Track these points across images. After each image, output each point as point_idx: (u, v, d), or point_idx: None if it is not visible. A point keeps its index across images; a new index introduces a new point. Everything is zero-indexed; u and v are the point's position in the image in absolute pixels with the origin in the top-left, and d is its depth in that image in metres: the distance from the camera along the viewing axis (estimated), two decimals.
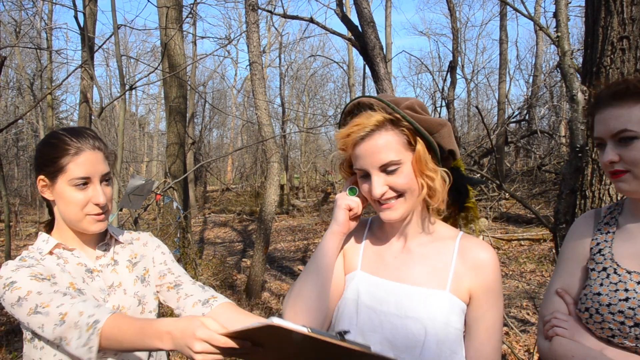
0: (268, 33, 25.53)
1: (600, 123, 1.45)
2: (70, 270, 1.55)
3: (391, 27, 19.88)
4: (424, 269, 1.43)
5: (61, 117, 25.40)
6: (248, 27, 7.02)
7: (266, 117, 7.09)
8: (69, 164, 1.50)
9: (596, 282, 1.49)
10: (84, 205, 1.52)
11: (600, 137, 1.46)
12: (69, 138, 1.52)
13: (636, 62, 2.21)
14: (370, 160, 1.36)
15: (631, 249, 1.48)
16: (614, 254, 1.50)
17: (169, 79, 8.44)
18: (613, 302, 1.42)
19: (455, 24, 11.95)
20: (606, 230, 1.57)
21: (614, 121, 1.42)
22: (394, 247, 1.49)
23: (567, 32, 2.72)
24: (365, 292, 1.43)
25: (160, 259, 1.75)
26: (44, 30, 15.36)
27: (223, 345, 1.09)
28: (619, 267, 1.47)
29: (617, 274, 1.46)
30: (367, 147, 1.36)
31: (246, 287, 7.43)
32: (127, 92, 4.74)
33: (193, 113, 19.38)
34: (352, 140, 1.37)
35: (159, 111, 30.83)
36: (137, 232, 1.82)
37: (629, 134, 1.40)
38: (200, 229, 14.77)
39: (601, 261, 1.51)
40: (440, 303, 1.36)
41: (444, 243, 1.46)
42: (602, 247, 1.54)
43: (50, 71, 14.89)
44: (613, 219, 1.58)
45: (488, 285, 1.40)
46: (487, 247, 1.44)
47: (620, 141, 1.41)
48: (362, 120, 1.36)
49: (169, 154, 8.61)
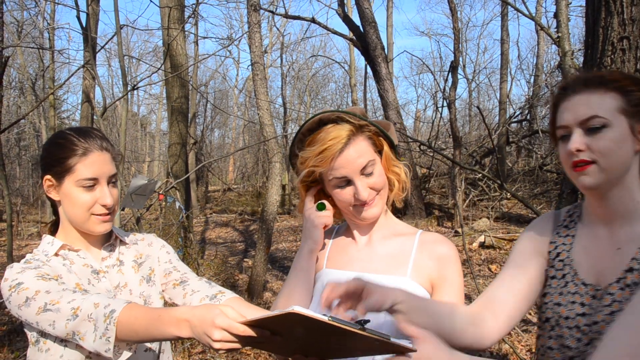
0: (270, 33, 25.55)
1: (567, 110, 1.33)
2: (77, 272, 1.55)
3: (392, 27, 19.91)
4: (385, 259, 1.53)
5: (63, 117, 25.45)
6: (250, 28, 7.04)
7: (268, 117, 7.11)
8: (77, 164, 1.50)
9: (556, 291, 1.39)
10: (90, 206, 1.52)
11: (566, 125, 1.32)
12: (76, 138, 1.52)
13: (636, 62, 2.22)
14: (352, 168, 1.45)
15: (586, 255, 1.38)
16: (573, 260, 1.40)
17: (171, 79, 8.45)
18: (571, 315, 1.33)
19: (457, 24, 11.97)
20: (565, 233, 1.46)
21: (584, 107, 1.30)
22: (359, 243, 1.59)
23: (568, 33, 2.74)
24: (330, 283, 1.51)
25: (165, 257, 1.76)
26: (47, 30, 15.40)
27: (242, 333, 1.09)
28: (576, 276, 1.37)
29: (574, 283, 1.36)
30: (346, 156, 1.44)
31: (248, 287, 7.44)
32: (129, 92, 4.75)
33: (195, 113, 19.41)
34: (331, 154, 1.43)
35: (160, 111, 30.85)
36: (141, 233, 1.83)
37: (599, 120, 1.28)
38: (202, 229, 14.78)
39: (561, 267, 1.41)
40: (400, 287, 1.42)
41: (405, 237, 1.57)
42: (560, 251, 1.43)
43: (52, 71, 14.95)
44: (572, 222, 1.47)
45: (448, 276, 1.49)
46: (447, 240, 1.56)
47: (590, 130, 1.29)
48: (336, 133, 1.43)
49: (170, 154, 8.63)
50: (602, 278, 1.31)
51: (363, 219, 1.52)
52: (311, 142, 1.48)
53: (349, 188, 1.48)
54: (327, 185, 1.52)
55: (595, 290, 1.31)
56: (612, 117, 1.28)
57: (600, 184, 1.29)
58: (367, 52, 11.92)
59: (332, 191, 1.52)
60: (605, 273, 1.31)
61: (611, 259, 1.32)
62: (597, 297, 1.29)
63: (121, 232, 1.76)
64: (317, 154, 1.44)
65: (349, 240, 1.61)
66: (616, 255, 1.31)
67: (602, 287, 1.30)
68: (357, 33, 12.10)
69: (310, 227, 1.56)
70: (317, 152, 1.44)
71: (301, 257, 1.57)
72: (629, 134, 1.29)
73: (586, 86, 1.32)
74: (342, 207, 1.53)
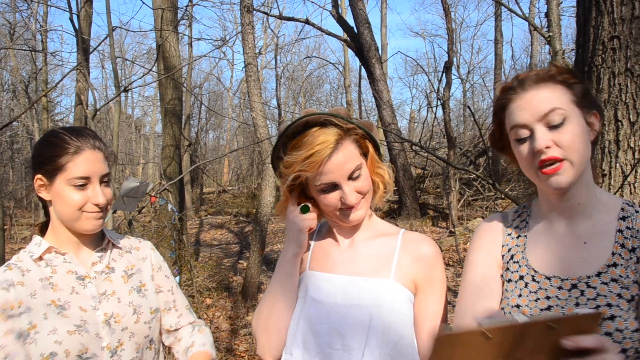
0: (264, 35, 25.55)
1: (521, 109, 1.27)
2: (57, 282, 1.52)
3: (387, 28, 19.93)
4: (368, 260, 1.51)
5: (56, 119, 25.34)
6: (243, 29, 7.02)
7: (261, 118, 7.09)
8: (68, 163, 1.48)
9: (514, 293, 1.34)
10: (81, 206, 1.50)
11: (525, 123, 1.26)
12: (68, 137, 1.50)
13: (627, 61, 2.22)
14: (340, 173, 1.42)
15: (546, 252, 1.35)
16: (528, 260, 1.36)
17: (164, 81, 8.43)
18: (534, 312, 1.27)
19: (450, 24, 11.98)
20: (517, 234, 1.42)
21: (541, 101, 1.25)
22: (342, 245, 1.57)
23: (559, 32, 2.74)
24: (314, 287, 1.49)
25: (166, 284, 1.76)
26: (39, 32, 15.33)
27: None
28: (537, 273, 1.32)
29: (535, 281, 1.31)
30: (335, 161, 1.41)
31: (242, 289, 7.42)
32: (121, 94, 4.73)
33: (189, 115, 19.36)
34: (319, 159, 1.39)
35: (155, 113, 30.75)
36: (137, 239, 1.80)
37: (560, 112, 1.23)
38: (197, 230, 14.74)
39: (516, 269, 1.36)
40: (384, 290, 1.43)
41: (387, 238, 1.55)
42: (514, 252, 1.39)
43: (45, 73, 14.87)
44: (523, 221, 1.44)
45: (429, 276, 1.48)
46: (430, 240, 1.53)
47: (552, 126, 1.24)
48: (324, 137, 1.40)
49: (164, 156, 8.60)
50: (569, 271, 1.29)
51: (349, 222, 1.50)
52: (296, 146, 1.44)
53: (336, 192, 1.45)
54: (312, 189, 1.49)
55: (562, 280, 1.28)
56: (569, 109, 1.25)
57: (572, 181, 1.26)
58: (361, 53, 11.92)
59: (317, 195, 1.49)
60: (574, 267, 1.29)
61: (578, 253, 1.30)
62: (565, 288, 1.26)
63: (114, 234, 1.74)
64: (304, 158, 1.40)
65: (332, 242, 1.59)
66: (584, 250, 1.30)
67: (569, 278, 1.27)
68: (351, 34, 12.11)
69: (295, 231, 1.53)
70: (304, 156, 1.40)
71: (285, 262, 1.54)
72: (585, 125, 1.28)
73: (535, 82, 1.27)
74: (327, 210, 1.51)
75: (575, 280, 1.26)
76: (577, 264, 1.29)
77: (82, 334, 1.46)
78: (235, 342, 5.90)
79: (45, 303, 1.46)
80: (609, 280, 1.23)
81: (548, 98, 1.25)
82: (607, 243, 1.28)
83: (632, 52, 2.21)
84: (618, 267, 1.24)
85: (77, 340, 1.45)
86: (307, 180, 1.48)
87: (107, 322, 1.53)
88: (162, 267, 1.78)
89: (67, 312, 1.48)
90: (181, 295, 1.81)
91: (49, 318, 1.45)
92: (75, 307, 1.50)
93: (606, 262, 1.26)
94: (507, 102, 1.31)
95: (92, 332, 1.48)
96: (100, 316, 1.52)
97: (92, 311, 1.52)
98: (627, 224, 1.29)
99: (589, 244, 1.30)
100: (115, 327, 1.53)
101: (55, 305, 1.47)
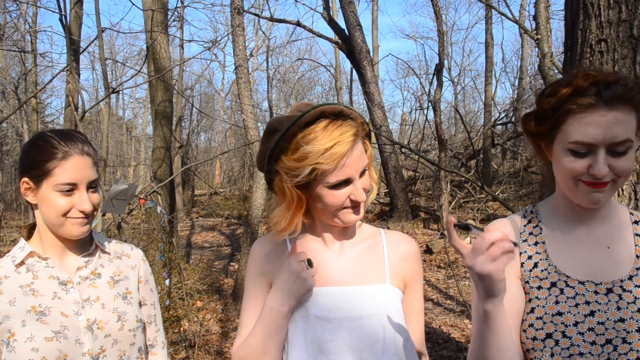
0: (255, 37, 25.52)
1: (597, 126, 1.19)
2: (38, 288, 1.49)
3: (378, 31, 19.99)
4: (362, 267, 1.47)
5: (47, 121, 25.16)
6: (234, 31, 7.01)
7: (252, 120, 7.08)
8: (55, 168, 1.45)
9: (549, 301, 1.29)
10: (66, 212, 1.48)
11: (593, 143, 1.20)
12: (57, 141, 1.47)
13: (614, 64, 2.23)
14: (356, 168, 1.36)
15: (570, 257, 1.33)
16: (557, 266, 1.33)
17: (154, 83, 8.39)
18: (579, 319, 1.25)
19: (442, 27, 12.01)
20: (533, 241, 1.39)
21: (619, 129, 1.18)
22: (332, 250, 1.50)
23: (547, 35, 2.75)
24: (314, 305, 1.40)
25: (149, 298, 1.74)
26: (29, 33, 15.21)
27: None
28: (569, 278, 1.30)
29: (570, 287, 1.29)
30: (354, 155, 1.35)
31: (233, 291, 7.40)
32: (110, 95, 4.71)
33: (181, 116, 19.30)
34: (341, 151, 1.31)
35: (145, 115, 30.65)
36: (130, 246, 1.76)
37: (629, 144, 1.20)
38: (188, 233, 14.67)
39: (545, 276, 1.32)
40: (386, 297, 1.42)
41: (373, 240, 1.53)
42: (537, 260, 1.36)
43: (35, 74, 14.75)
44: (536, 227, 1.41)
45: (415, 273, 1.51)
46: (409, 238, 1.55)
47: (616, 152, 1.20)
48: (345, 129, 1.32)
49: (154, 158, 8.56)
50: (600, 276, 1.30)
51: (349, 222, 1.42)
52: (310, 137, 1.31)
53: (347, 189, 1.36)
54: (318, 186, 1.37)
55: (595, 285, 1.28)
56: (635, 139, 1.23)
57: (608, 199, 1.27)
58: (352, 55, 11.93)
59: (322, 192, 1.36)
60: (603, 271, 1.30)
61: (603, 257, 1.32)
62: (601, 292, 1.27)
63: (103, 238, 1.71)
64: (325, 150, 1.29)
65: (319, 247, 1.50)
66: (608, 254, 1.32)
67: (602, 282, 1.28)
68: (342, 36, 12.11)
69: (300, 288, 1.38)
70: (325, 148, 1.29)
71: (279, 316, 1.40)
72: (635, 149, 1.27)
73: (617, 101, 1.19)
74: (329, 210, 1.39)
75: (610, 285, 1.27)
76: (606, 268, 1.30)
77: (60, 340, 1.43)
78: (226, 344, 5.87)
79: (25, 310, 1.44)
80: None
81: (626, 127, 1.20)
82: (629, 247, 1.32)
83: (619, 55, 2.22)
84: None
85: (55, 347, 1.42)
86: (316, 176, 1.34)
87: (89, 327, 1.50)
88: (149, 280, 1.75)
89: (47, 318, 1.45)
90: (160, 312, 1.79)
91: (27, 325, 1.43)
92: (56, 312, 1.48)
93: (635, 265, 1.28)
94: (581, 111, 1.22)
95: (72, 338, 1.46)
96: (82, 321, 1.50)
97: (74, 316, 1.49)
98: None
99: (613, 248, 1.32)
100: (98, 333, 1.51)
101: (35, 312, 1.45)
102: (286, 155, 1.35)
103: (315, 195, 1.39)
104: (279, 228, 1.41)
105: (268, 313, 1.41)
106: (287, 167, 1.35)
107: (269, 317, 1.40)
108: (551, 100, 1.27)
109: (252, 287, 1.52)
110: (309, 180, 1.36)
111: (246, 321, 1.50)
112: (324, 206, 1.40)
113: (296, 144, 1.32)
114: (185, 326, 5.95)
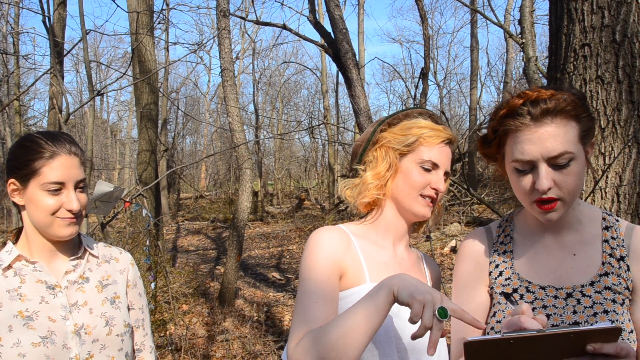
0: (242, 39, 25.48)
1: (531, 143, 1.23)
2: (26, 292, 1.47)
3: (364, 34, 20.01)
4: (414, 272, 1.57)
5: (30, 124, 24.84)
6: (219, 33, 6.99)
7: (238, 123, 7.06)
8: (42, 167, 1.44)
9: (508, 306, 1.34)
10: (54, 211, 1.46)
11: (531, 160, 1.24)
12: (44, 141, 1.47)
13: (597, 68, 2.26)
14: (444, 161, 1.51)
15: (536, 264, 1.38)
16: (519, 273, 1.38)
17: (139, 85, 8.33)
18: None
19: (427, 31, 12.09)
20: (502, 250, 1.44)
21: (553, 142, 1.21)
22: (386, 250, 1.55)
23: (532, 39, 2.78)
24: None
25: (138, 302, 1.72)
26: (10, 35, 15.02)
27: None
28: (530, 284, 1.35)
29: (530, 292, 1.34)
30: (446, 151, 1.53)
31: (219, 295, 7.36)
32: (95, 98, 4.67)
33: (166, 119, 19.18)
34: (443, 135, 1.51)
35: (130, 118, 30.40)
36: (118, 249, 1.75)
37: (569, 156, 1.22)
38: (174, 236, 14.59)
39: (508, 283, 1.38)
40: None
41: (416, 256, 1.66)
42: (503, 269, 1.41)
43: (17, 77, 14.55)
44: (507, 236, 1.46)
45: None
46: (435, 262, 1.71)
47: (557, 166, 1.23)
48: (449, 130, 1.54)
49: (140, 161, 8.49)
50: (562, 281, 1.33)
51: (419, 213, 1.51)
52: (416, 120, 1.54)
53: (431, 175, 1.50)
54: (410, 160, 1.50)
55: (556, 289, 1.32)
56: (576, 149, 1.24)
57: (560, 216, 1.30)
58: (338, 59, 11.91)
59: (412, 166, 1.50)
60: (566, 277, 1.34)
61: (568, 264, 1.35)
62: (560, 297, 1.31)
63: (91, 241, 1.69)
64: (431, 127, 1.50)
65: (375, 248, 1.52)
66: (574, 261, 1.35)
67: (563, 287, 1.32)
68: (328, 39, 12.10)
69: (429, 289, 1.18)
70: (431, 126, 1.51)
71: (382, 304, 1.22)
72: (585, 160, 1.29)
73: (549, 116, 1.22)
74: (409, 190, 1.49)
75: (570, 290, 1.31)
76: (569, 274, 1.34)
77: (47, 346, 1.42)
78: (212, 348, 5.83)
79: (12, 314, 1.43)
80: (602, 288, 1.29)
81: (560, 139, 1.22)
82: (595, 253, 1.34)
83: (602, 60, 2.25)
84: (609, 276, 1.30)
85: (42, 352, 1.40)
86: (413, 149, 1.50)
87: (77, 332, 1.48)
88: (137, 285, 1.73)
89: (34, 323, 1.44)
90: (149, 316, 1.78)
91: (14, 330, 1.41)
92: (43, 317, 1.46)
93: (598, 272, 1.31)
94: (515, 130, 1.27)
95: (59, 344, 1.44)
96: (70, 326, 1.48)
97: (62, 321, 1.48)
98: (611, 234, 1.36)
99: (578, 255, 1.35)
100: (86, 338, 1.49)
101: (22, 317, 1.43)
102: (392, 130, 1.54)
103: (404, 170, 1.50)
104: (371, 186, 1.51)
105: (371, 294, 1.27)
106: (393, 135, 1.53)
107: (369, 299, 1.26)
108: (492, 122, 1.34)
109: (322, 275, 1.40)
110: (407, 152, 1.50)
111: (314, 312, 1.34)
112: (406, 183, 1.49)
113: (403, 123, 1.54)
114: (171, 330, 5.91)
